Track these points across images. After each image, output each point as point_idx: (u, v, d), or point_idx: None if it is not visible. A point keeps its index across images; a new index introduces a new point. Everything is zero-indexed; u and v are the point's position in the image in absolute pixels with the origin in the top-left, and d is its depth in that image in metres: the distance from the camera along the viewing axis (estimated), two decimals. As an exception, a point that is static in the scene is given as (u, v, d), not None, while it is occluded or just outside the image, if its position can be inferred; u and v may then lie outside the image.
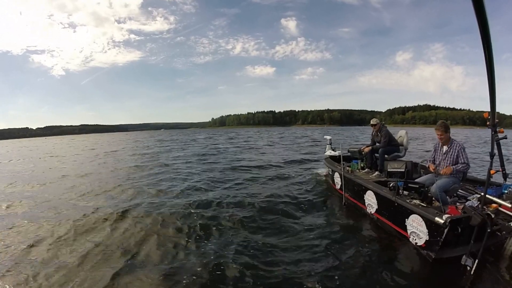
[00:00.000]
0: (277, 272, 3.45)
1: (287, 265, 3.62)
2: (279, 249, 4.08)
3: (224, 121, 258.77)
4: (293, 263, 3.68)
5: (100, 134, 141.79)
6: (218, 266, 3.61)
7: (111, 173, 11.68)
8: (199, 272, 3.49)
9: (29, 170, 13.73)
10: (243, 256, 3.88)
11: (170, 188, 8.03)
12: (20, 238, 4.78)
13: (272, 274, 3.42)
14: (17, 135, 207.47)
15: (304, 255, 3.87)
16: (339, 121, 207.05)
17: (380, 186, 4.71)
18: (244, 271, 3.48)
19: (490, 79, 2.37)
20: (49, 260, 3.96)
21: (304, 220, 5.25)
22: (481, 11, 1.69)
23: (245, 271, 3.48)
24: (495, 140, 3.21)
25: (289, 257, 3.83)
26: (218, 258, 3.81)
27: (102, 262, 3.82)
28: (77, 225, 5.18)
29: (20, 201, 7.29)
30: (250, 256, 3.88)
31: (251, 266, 3.59)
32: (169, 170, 11.77)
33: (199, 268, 3.58)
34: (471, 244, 3.16)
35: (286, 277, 3.35)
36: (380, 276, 3.37)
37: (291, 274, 3.40)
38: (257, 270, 3.51)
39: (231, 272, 3.49)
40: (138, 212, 5.77)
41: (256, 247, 4.15)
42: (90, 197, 7.45)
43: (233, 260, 3.74)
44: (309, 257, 3.81)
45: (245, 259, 3.78)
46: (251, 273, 3.43)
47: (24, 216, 5.99)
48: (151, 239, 4.50)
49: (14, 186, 9.57)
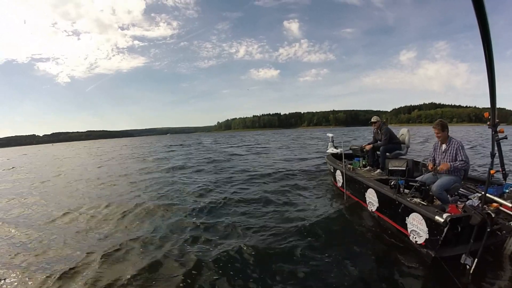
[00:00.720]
0: (275, 270, 3.48)
1: (286, 262, 3.65)
2: (278, 247, 4.11)
3: (229, 125, 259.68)
4: (292, 260, 3.71)
5: (107, 140, 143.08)
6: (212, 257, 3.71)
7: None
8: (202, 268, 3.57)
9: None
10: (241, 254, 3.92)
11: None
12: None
13: (270, 272, 3.45)
14: (24, 142, 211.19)
15: (304, 253, 3.90)
16: (344, 122, 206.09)
17: (381, 184, 4.70)
18: (242, 269, 3.53)
19: (491, 79, 2.38)
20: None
21: (304, 217, 5.27)
22: (481, 10, 1.70)
23: (242, 269, 3.53)
24: (495, 140, 3.21)
25: (288, 255, 3.86)
26: (214, 247, 3.98)
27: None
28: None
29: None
30: (248, 254, 3.89)
31: (249, 265, 3.63)
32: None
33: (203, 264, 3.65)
34: (471, 243, 3.15)
35: (285, 274, 3.38)
36: (379, 274, 3.39)
37: (290, 271, 3.43)
38: (256, 268, 3.54)
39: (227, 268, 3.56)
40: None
41: (254, 246, 4.17)
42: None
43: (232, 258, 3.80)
44: (308, 255, 3.84)
45: (243, 257, 3.82)
46: (250, 272, 3.46)
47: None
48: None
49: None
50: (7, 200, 8.26)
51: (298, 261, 3.69)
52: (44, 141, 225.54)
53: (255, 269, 3.52)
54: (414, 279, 3.28)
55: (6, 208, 7.28)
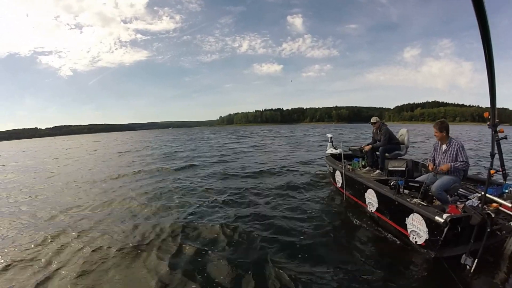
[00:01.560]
0: (274, 270, 3.48)
1: (286, 263, 3.66)
2: (277, 247, 4.11)
3: (232, 119, 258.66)
4: (291, 261, 3.71)
5: (109, 133, 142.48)
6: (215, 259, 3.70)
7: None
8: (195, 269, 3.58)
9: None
10: (239, 254, 3.95)
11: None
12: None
13: (269, 272, 3.46)
14: (26, 135, 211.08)
15: (303, 253, 3.90)
16: (347, 119, 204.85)
17: (380, 184, 4.69)
18: (240, 269, 3.54)
19: (491, 79, 2.39)
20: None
21: (304, 218, 5.27)
22: (481, 10, 1.71)
23: (240, 268, 3.54)
24: (495, 140, 3.20)
25: (287, 255, 3.87)
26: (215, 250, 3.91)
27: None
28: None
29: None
30: (246, 255, 3.92)
31: (247, 265, 3.63)
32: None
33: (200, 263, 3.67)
34: (471, 244, 3.15)
35: (284, 275, 3.38)
36: (379, 275, 3.38)
37: (289, 272, 3.43)
38: (254, 268, 3.54)
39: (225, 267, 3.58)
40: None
41: (252, 246, 4.19)
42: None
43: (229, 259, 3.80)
44: (308, 255, 3.85)
45: (241, 258, 3.83)
46: (248, 272, 3.46)
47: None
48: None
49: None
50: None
51: (297, 262, 3.69)
52: (46, 134, 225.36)
53: (254, 269, 3.52)
54: (414, 280, 3.27)
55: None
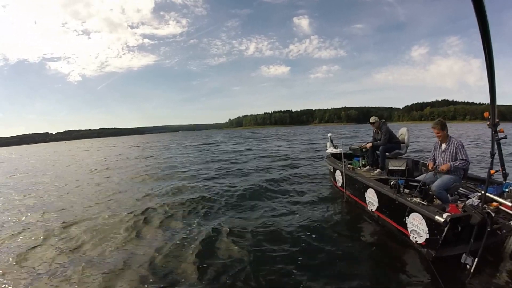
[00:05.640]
0: (274, 270, 3.51)
1: (285, 262, 3.68)
2: (277, 247, 4.13)
3: (241, 122, 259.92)
4: (291, 260, 3.73)
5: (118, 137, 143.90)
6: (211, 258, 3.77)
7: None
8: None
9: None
10: (238, 254, 3.97)
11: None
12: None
13: (269, 271, 3.48)
14: (37, 139, 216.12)
15: (303, 253, 3.92)
16: (356, 119, 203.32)
17: (381, 184, 4.68)
18: (239, 268, 3.57)
19: (491, 79, 2.40)
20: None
21: (304, 217, 5.28)
22: (481, 10, 1.72)
23: (240, 268, 3.57)
24: (495, 140, 3.17)
25: (287, 255, 3.89)
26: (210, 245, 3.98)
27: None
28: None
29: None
30: (246, 255, 3.93)
31: (247, 264, 3.66)
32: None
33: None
34: (471, 243, 3.12)
35: (284, 274, 3.40)
36: (380, 274, 3.40)
37: (289, 271, 3.45)
38: (254, 268, 3.56)
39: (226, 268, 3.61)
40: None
41: (252, 244, 4.24)
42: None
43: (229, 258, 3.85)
44: (307, 255, 3.86)
45: (241, 257, 3.86)
46: (247, 272, 3.48)
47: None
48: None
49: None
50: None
51: (297, 261, 3.70)
52: (57, 138, 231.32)
53: (254, 269, 3.54)
54: (414, 279, 3.26)
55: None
